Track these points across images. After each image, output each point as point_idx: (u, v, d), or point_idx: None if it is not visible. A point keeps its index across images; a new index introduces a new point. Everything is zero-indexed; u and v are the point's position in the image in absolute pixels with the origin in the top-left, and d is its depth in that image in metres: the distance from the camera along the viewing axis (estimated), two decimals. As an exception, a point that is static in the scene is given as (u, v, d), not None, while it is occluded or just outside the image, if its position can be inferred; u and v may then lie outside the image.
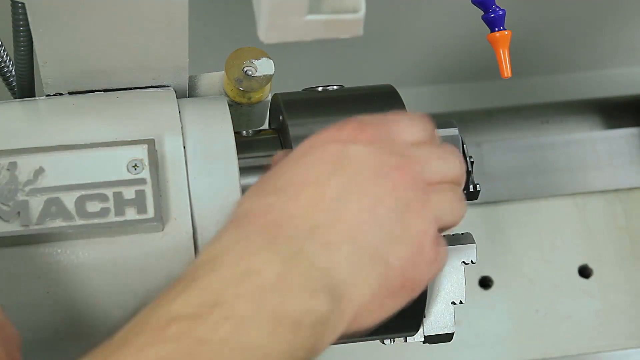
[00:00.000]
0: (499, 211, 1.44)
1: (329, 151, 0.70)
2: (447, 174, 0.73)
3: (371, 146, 0.70)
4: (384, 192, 0.69)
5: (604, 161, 1.46)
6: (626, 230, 1.44)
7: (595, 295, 1.40)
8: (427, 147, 0.73)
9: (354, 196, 0.68)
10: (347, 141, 0.70)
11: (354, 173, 0.69)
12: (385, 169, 0.69)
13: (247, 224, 0.68)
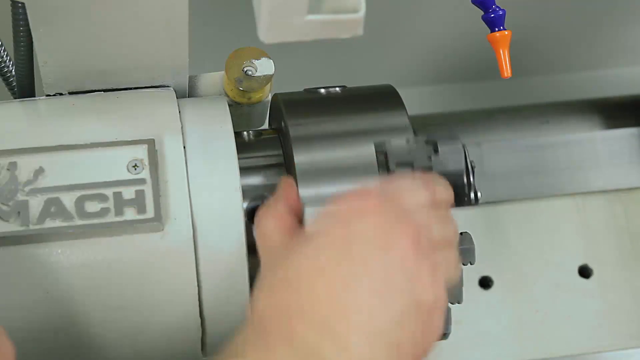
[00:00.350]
0: (499, 211, 1.43)
1: (334, 235, 0.70)
2: (446, 236, 0.74)
3: (376, 217, 0.70)
4: (393, 267, 0.69)
5: (604, 161, 1.46)
6: (626, 230, 1.44)
7: (595, 295, 1.40)
8: (426, 211, 0.73)
9: (361, 281, 0.68)
10: (352, 218, 0.70)
11: (361, 254, 0.69)
12: (393, 239, 0.69)
13: (261, 324, 0.68)
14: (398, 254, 0.69)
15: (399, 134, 0.84)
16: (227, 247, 0.79)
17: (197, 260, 0.79)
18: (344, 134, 0.84)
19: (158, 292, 0.79)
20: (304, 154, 0.82)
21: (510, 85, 1.50)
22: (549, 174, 1.45)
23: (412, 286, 0.69)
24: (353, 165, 0.82)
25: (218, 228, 0.79)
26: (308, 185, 0.81)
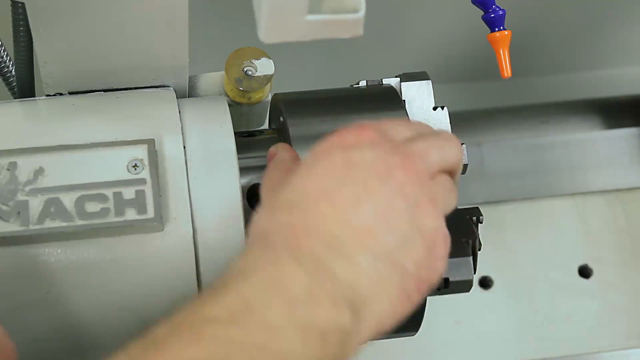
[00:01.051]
0: (499, 211, 1.43)
1: (334, 160, 0.71)
2: (447, 161, 0.75)
3: (374, 148, 0.71)
4: (393, 193, 0.70)
5: (604, 161, 1.46)
6: (626, 230, 1.44)
7: (595, 295, 1.40)
8: (424, 139, 0.74)
9: (365, 203, 0.69)
10: (350, 147, 0.71)
11: (362, 179, 0.70)
12: (391, 169, 0.70)
13: (269, 241, 0.69)
14: (397, 181, 0.70)
15: None
16: (227, 247, 0.79)
17: (197, 260, 0.79)
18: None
19: (158, 292, 0.79)
20: (304, 154, 0.82)
21: (510, 85, 1.50)
22: (549, 174, 1.45)
23: (413, 212, 0.70)
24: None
25: (218, 228, 0.79)
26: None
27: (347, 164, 0.70)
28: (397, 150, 0.72)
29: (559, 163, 1.45)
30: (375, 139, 0.72)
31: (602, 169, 1.46)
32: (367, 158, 0.70)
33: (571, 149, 1.46)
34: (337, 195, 0.69)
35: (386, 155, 0.71)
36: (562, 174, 1.45)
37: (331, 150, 0.71)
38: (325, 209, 0.69)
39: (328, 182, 0.70)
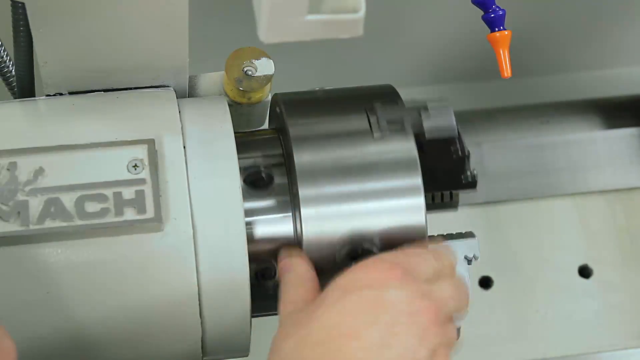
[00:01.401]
0: (499, 211, 1.43)
1: (365, 298, 0.72)
2: (459, 310, 0.79)
3: (402, 289, 0.72)
4: (417, 340, 0.71)
5: (604, 161, 1.46)
6: (626, 230, 1.44)
7: (595, 295, 1.40)
8: (444, 283, 0.77)
9: (392, 347, 0.70)
10: (380, 286, 0.72)
11: (391, 321, 0.71)
12: (417, 314, 0.72)
13: None
14: (422, 327, 0.72)
15: None
16: (227, 247, 0.79)
17: (197, 260, 0.79)
18: (344, 134, 0.84)
19: (158, 292, 0.79)
20: (304, 154, 0.82)
21: (510, 85, 1.50)
22: (549, 174, 1.45)
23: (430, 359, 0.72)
24: (353, 165, 0.82)
25: (218, 228, 0.79)
26: (308, 185, 0.81)
27: (378, 302, 0.71)
28: (423, 294, 0.73)
29: (559, 163, 1.45)
30: (403, 279, 0.73)
31: (602, 169, 1.46)
32: (395, 299, 0.72)
33: (571, 149, 1.46)
34: (367, 336, 0.70)
35: (413, 299, 0.72)
36: (562, 174, 1.45)
37: (360, 287, 0.72)
38: (355, 351, 0.69)
39: (357, 321, 0.71)
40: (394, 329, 0.71)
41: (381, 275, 0.73)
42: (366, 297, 0.72)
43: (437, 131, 0.84)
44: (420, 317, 0.72)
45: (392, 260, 0.75)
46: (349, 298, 0.72)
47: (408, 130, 0.82)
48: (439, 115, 0.84)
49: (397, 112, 0.83)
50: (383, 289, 0.72)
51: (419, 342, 0.71)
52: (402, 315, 0.71)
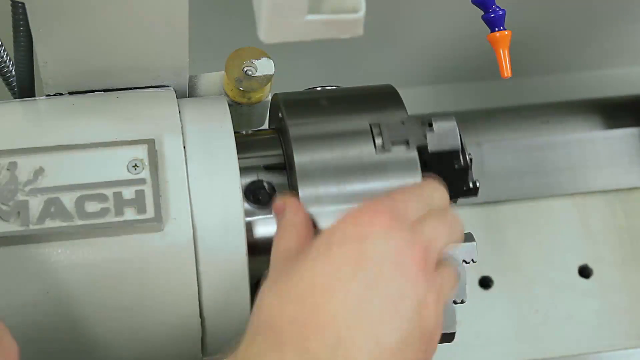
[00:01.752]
0: (499, 211, 1.43)
1: (347, 251, 0.71)
2: (453, 241, 0.76)
3: (388, 239, 0.71)
4: (404, 289, 0.70)
5: (604, 161, 1.46)
6: (626, 230, 1.44)
7: (595, 295, 1.40)
8: (435, 220, 0.75)
9: (376, 298, 0.69)
10: (364, 237, 0.71)
11: (375, 272, 0.70)
12: (404, 263, 0.71)
13: (275, 334, 0.69)
14: (410, 275, 0.71)
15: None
16: (227, 247, 0.79)
17: (197, 260, 0.79)
18: (344, 134, 0.84)
19: (158, 292, 0.79)
20: (304, 154, 0.82)
21: (510, 85, 1.50)
22: (549, 174, 1.45)
23: (419, 314, 0.71)
24: (353, 165, 0.82)
25: (218, 228, 0.79)
26: (308, 185, 0.81)
27: (362, 254, 0.70)
28: (411, 239, 0.72)
29: (559, 163, 1.45)
30: (390, 225, 0.72)
31: (602, 169, 1.46)
32: (382, 248, 0.71)
33: (571, 149, 1.46)
34: (349, 290, 0.69)
35: (400, 247, 0.71)
36: (562, 174, 1.45)
37: (345, 239, 0.71)
38: (336, 305, 0.69)
39: (340, 275, 0.70)
40: (377, 282, 0.69)
41: (367, 225, 0.72)
42: (349, 249, 0.71)
43: (440, 146, 0.83)
44: (405, 268, 0.70)
45: (378, 206, 0.73)
46: (333, 251, 0.71)
47: (412, 147, 0.82)
48: (445, 136, 0.83)
49: (401, 131, 0.82)
50: (366, 241, 0.71)
51: (404, 293, 0.70)
52: (386, 267, 0.70)
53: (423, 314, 0.71)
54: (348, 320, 0.69)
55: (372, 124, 0.83)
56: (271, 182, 0.83)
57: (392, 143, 0.82)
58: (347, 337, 0.68)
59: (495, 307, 1.39)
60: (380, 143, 0.82)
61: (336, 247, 0.71)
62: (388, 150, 0.82)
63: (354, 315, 0.69)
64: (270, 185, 0.83)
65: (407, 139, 0.82)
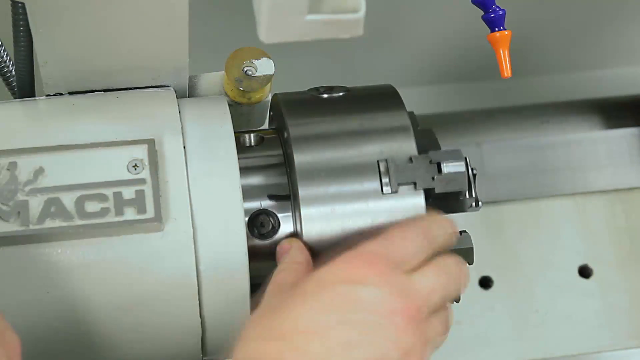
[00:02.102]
0: (499, 211, 1.43)
1: (338, 294, 0.70)
2: (449, 297, 0.75)
3: (380, 286, 0.70)
4: (389, 343, 0.69)
5: (604, 161, 1.46)
6: (626, 230, 1.44)
7: (595, 295, 1.40)
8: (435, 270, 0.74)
9: (361, 349, 0.68)
10: (357, 282, 0.70)
11: (361, 321, 0.69)
12: (393, 314, 0.70)
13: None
14: (396, 328, 0.69)
15: (400, 135, 0.84)
16: (227, 247, 0.79)
17: (197, 260, 0.79)
18: (344, 134, 0.84)
19: (158, 292, 0.79)
20: (304, 154, 0.82)
21: (510, 85, 1.50)
22: (549, 174, 1.45)
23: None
24: (353, 165, 0.82)
25: (218, 228, 0.79)
26: (308, 185, 0.81)
27: (350, 300, 0.69)
28: (405, 288, 0.71)
29: (559, 163, 1.45)
30: (383, 274, 0.71)
31: (602, 169, 1.46)
32: (371, 298, 0.69)
33: (571, 149, 1.46)
34: (334, 336, 0.68)
35: (391, 296, 0.70)
36: (562, 174, 1.45)
37: (336, 282, 0.70)
38: (317, 349, 0.67)
39: (327, 318, 0.69)
40: (364, 329, 0.68)
41: (360, 270, 0.71)
42: (340, 293, 0.70)
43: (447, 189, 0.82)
44: (395, 317, 0.69)
45: (375, 251, 0.73)
46: (323, 292, 0.70)
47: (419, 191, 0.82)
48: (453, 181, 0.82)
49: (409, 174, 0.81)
50: (359, 286, 0.70)
51: (390, 343, 0.69)
52: (376, 315, 0.69)
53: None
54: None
55: (380, 165, 0.81)
56: (275, 214, 0.83)
57: (399, 185, 0.81)
58: None
59: (495, 307, 1.39)
60: (387, 183, 0.81)
61: (326, 289, 0.70)
62: (395, 192, 0.81)
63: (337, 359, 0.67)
64: (274, 217, 0.83)
65: (415, 182, 0.81)
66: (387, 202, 0.81)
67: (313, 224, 0.81)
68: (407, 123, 0.85)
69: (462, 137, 1.44)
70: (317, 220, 0.80)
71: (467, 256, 0.86)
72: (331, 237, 0.81)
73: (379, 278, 0.71)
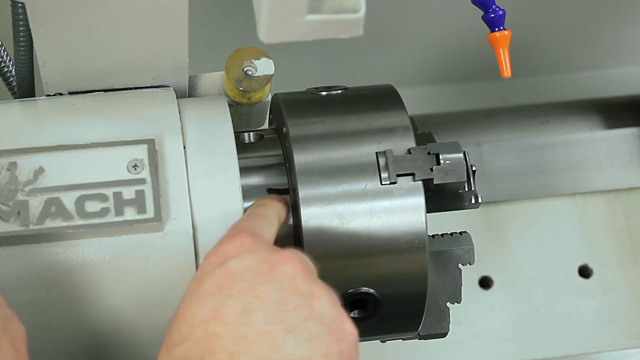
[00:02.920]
0: (499, 211, 1.43)
1: (215, 276, 0.70)
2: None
3: (252, 251, 0.71)
4: (284, 291, 0.69)
5: (604, 161, 1.46)
6: (626, 230, 1.44)
7: (595, 295, 1.40)
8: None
9: (256, 311, 0.68)
10: (228, 258, 0.71)
11: (248, 286, 0.69)
12: (276, 265, 0.70)
13: None
14: (286, 275, 0.70)
15: (399, 134, 0.84)
16: (227, 247, 0.79)
17: (197, 260, 0.79)
18: (344, 134, 0.84)
19: (158, 292, 0.79)
20: (304, 154, 0.82)
21: (510, 85, 1.50)
22: (549, 174, 1.45)
23: (310, 304, 0.69)
24: (353, 165, 0.82)
25: (218, 228, 0.79)
26: (308, 185, 0.81)
27: (229, 276, 0.70)
28: (279, 249, 0.72)
29: (559, 163, 1.45)
30: (252, 242, 0.72)
31: (602, 169, 1.46)
32: (248, 263, 0.70)
33: (571, 149, 1.46)
34: (226, 312, 0.68)
35: (268, 253, 0.71)
36: (562, 174, 1.45)
37: (211, 269, 0.71)
38: (218, 329, 0.67)
39: (214, 301, 0.69)
40: (254, 291, 0.69)
41: (229, 247, 0.72)
42: (218, 274, 0.70)
43: (446, 180, 0.82)
44: (281, 266, 0.70)
45: (239, 230, 0.74)
46: (203, 283, 0.70)
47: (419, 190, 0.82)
48: (451, 172, 0.82)
49: (408, 166, 0.82)
50: (232, 259, 0.70)
51: (286, 291, 0.69)
52: (260, 274, 0.69)
53: (315, 306, 0.69)
54: (235, 338, 0.67)
55: (378, 157, 0.82)
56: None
57: (397, 176, 0.82)
58: (240, 350, 0.66)
59: (495, 307, 1.39)
60: (386, 177, 0.81)
61: (205, 279, 0.70)
62: (394, 182, 0.81)
63: (240, 331, 0.67)
64: None
65: (414, 173, 0.82)
66: (387, 200, 0.81)
67: (313, 225, 0.81)
68: (407, 123, 0.85)
69: (462, 137, 1.44)
70: (317, 219, 0.80)
71: (467, 256, 0.87)
72: (331, 235, 0.81)
73: (248, 246, 0.72)
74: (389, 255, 0.82)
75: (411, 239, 0.81)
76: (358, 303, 0.83)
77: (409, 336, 0.89)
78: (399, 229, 0.81)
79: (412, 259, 0.82)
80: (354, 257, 0.81)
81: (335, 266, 0.81)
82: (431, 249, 0.86)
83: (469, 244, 0.87)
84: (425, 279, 0.83)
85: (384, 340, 0.92)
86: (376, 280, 0.83)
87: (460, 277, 0.87)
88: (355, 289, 0.82)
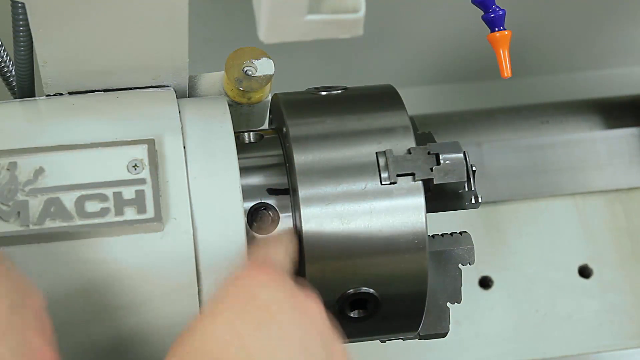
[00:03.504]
0: (499, 211, 1.43)
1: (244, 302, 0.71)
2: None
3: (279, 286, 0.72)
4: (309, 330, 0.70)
5: (604, 161, 1.46)
6: (626, 230, 1.44)
7: (595, 295, 1.40)
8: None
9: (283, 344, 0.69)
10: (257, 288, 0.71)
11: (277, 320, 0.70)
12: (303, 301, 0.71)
13: None
14: (312, 315, 0.71)
15: (399, 134, 0.84)
16: (227, 247, 0.79)
17: (197, 260, 0.79)
18: (344, 134, 0.84)
19: (158, 292, 0.79)
20: (304, 154, 0.82)
21: (510, 85, 1.50)
22: (549, 174, 1.45)
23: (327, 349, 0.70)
24: (353, 165, 0.82)
25: (218, 228, 0.79)
26: (308, 185, 0.81)
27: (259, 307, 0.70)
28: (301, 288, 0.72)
29: (559, 163, 1.45)
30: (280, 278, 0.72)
31: (602, 169, 1.46)
32: (277, 294, 0.71)
33: (571, 149, 1.46)
34: (250, 340, 0.68)
35: (293, 290, 0.72)
36: (562, 174, 1.45)
37: (237, 293, 0.71)
38: (239, 356, 0.68)
39: (239, 326, 0.69)
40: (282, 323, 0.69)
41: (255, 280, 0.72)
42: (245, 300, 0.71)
43: (446, 180, 0.82)
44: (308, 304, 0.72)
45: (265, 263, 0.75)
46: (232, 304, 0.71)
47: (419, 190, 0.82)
48: (451, 172, 0.82)
49: (408, 166, 0.82)
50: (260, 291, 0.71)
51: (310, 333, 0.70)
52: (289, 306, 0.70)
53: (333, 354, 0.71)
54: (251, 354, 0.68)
55: (378, 157, 0.82)
56: (274, 207, 0.83)
57: (398, 175, 0.82)
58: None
59: (495, 307, 1.39)
60: (386, 177, 0.81)
61: (232, 301, 0.71)
62: (394, 182, 0.81)
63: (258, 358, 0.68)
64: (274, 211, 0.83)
65: (414, 173, 0.82)
66: (387, 200, 0.81)
67: (314, 225, 0.81)
68: (407, 123, 0.85)
69: (462, 137, 1.44)
70: (317, 219, 0.80)
71: (467, 256, 0.87)
72: (331, 235, 0.81)
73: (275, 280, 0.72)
74: (389, 255, 0.82)
75: (411, 239, 0.81)
76: (358, 303, 0.84)
77: (409, 336, 0.89)
78: (399, 229, 0.81)
79: (412, 259, 0.82)
80: (354, 257, 0.82)
81: (335, 266, 0.81)
82: (431, 249, 0.86)
83: (469, 244, 0.87)
84: (425, 279, 0.83)
85: (384, 340, 0.92)
86: (376, 280, 0.83)
87: (460, 277, 0.87)
88: (355, 289, 0.82)
